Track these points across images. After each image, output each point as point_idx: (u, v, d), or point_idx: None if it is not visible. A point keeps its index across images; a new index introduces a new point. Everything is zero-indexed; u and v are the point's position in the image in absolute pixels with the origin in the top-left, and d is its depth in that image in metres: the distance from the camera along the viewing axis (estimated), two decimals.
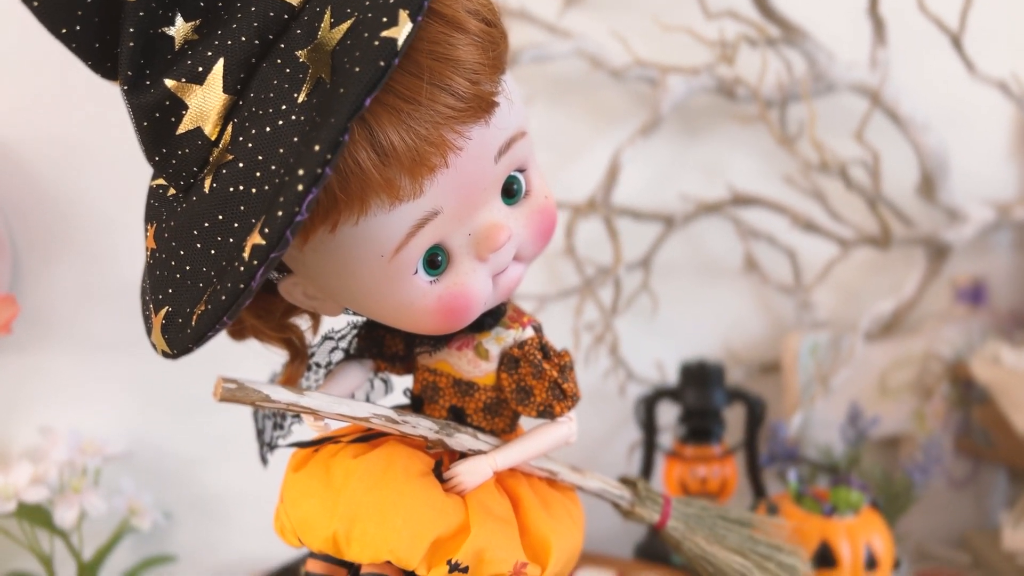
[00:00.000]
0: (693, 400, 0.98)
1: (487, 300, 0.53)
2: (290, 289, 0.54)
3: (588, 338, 1.04)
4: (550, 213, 0.55)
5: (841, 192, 1.05)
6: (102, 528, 0.91)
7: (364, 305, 0.53)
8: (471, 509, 0.53)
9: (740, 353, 1.15)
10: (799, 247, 1.11)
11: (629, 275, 1.06)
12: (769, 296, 1.16)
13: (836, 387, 1.10)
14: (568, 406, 0.57)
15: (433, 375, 0.58)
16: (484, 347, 0.57)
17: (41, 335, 0.94)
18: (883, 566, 0.88)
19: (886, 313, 1.13)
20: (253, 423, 0.64)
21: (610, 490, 0.63)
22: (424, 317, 0.52)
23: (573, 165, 1.07)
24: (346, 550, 0.52)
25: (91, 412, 0.95)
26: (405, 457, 0.54)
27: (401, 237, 0.48)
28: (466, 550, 0.51)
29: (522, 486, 0.57)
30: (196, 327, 0.45)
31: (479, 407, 0.57)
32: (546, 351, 0.56)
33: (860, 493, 0.90)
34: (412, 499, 0.52)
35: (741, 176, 1.08)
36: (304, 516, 0.53)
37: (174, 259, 0.47)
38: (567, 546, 0.56)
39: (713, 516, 0.68)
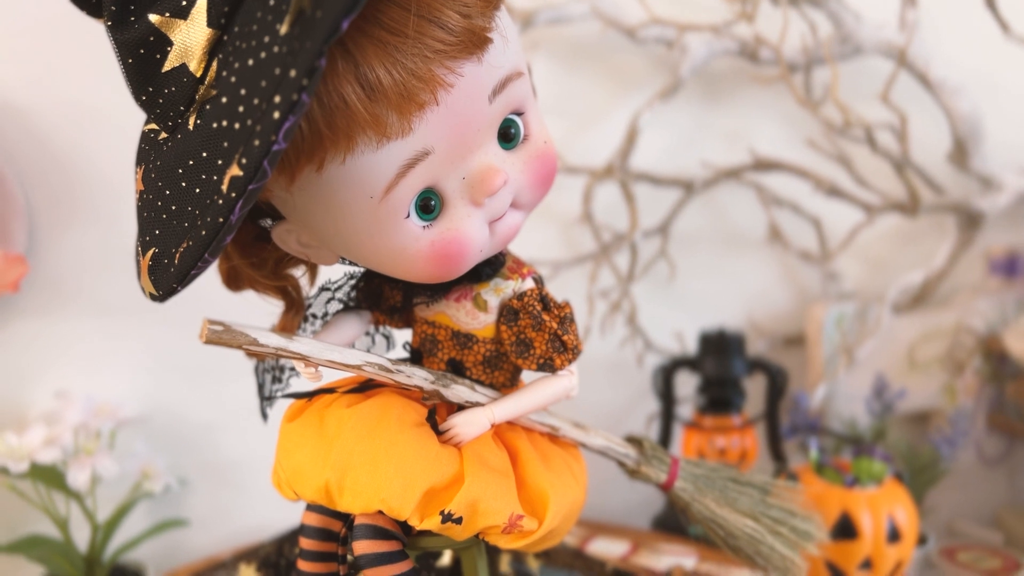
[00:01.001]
0: (712, 369, 0.96)
1: (483, 247, 0.52)
2: (284, 236, 0.53)
3: (604, 306, 1.02)
4: (550, 159, 0.53)
5: (868, 158, 1.02)
6: (117, 492, 0.92)
7: (357, 252, 0.51)
8: (466, 460, 0.52)
9: (763, 325, 1.13)
10: (824, 215, 1.08)
11: (647, 242, 1.04)
12: (794, 266, 1.13)
13: (862, 360, 1.07)
14: (569, 359, 0.55)
15: (432, 328, 0.56)
16: (483, 298, 0.55)
17: (57, 300, 0.94)
18: (906, 539, 0.86)
19: (915, 284, 1.09)
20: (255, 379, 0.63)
21: (614, 448, 0.62)
22: (417, 263, 0.50)
23: (591, 131, 1.05)
24: (338, 500, 0.51)
25: (107, 377, 0.95)
26: (399, 407, 0.53)
27: (390, 177, 0.47)
28: (459, 500, 0.50)
29: (521, 440, 0.56)
30: (179, 266, 0.44)
31: (478, 360, 0.56)
32: (546, 302, 0.55)
33: (883, 464, 0.87)
34: (405, 448, 0.51)
35: (765, 143, 1.06)
36: (297, 466, 0.53)
37: (160, 199, 0.46)
38: (566, 501, 0.54)
39: (724, 478, 0.66)
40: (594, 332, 1.03)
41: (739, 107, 1.08)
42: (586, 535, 0.92)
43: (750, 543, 0.66)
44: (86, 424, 0.87)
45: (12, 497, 0.90)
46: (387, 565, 0.52)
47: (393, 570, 0.52)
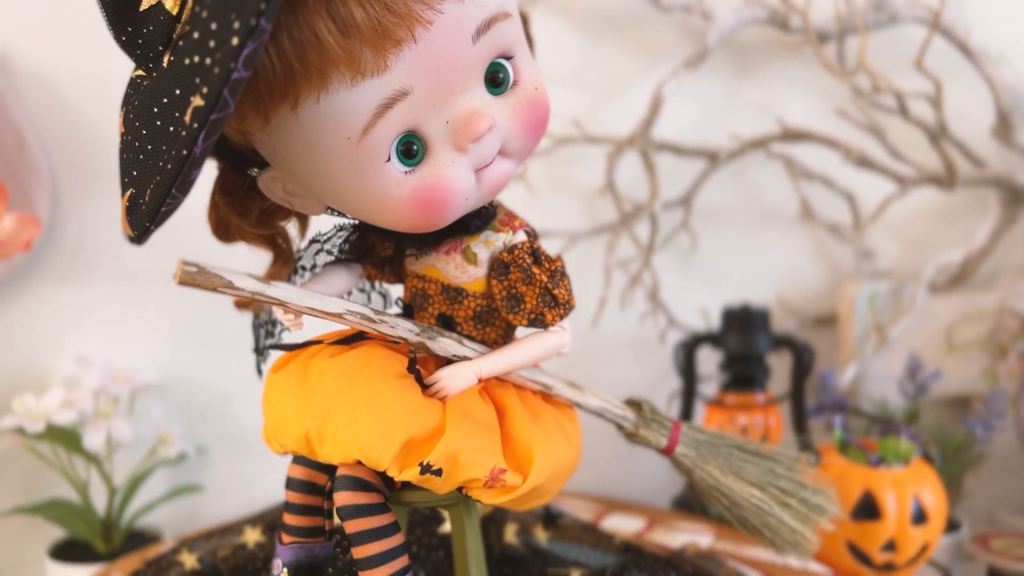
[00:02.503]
0: (735, 345, 0.94)
1: (469, 196, 0.50)
2: (269, 184, 0.52)
3: (624, 279, 1.00)
4: (540, 105, 0.51)
5: (902, 130, 0.98)
6: (136, 458, 0.93)
7: (339, 199, 0.50)
8: (449, 412, 0.50)
9: (793, 303, 1.10)
10: (858, 190, 1.05)
11: (671, 215, 1.02)
12: (826, 243, 1.10)
13: (896, 340, 1.03)
14: (560, 314, 0.54)
15: (422, 282, 0.55)
16: (472, 251, 0.54)
17: (80, 268, 0.96)
18: (933, 521, 0.82)
19: (954, 263, 1.05)
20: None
21: (611, 409, 0.60)
22: (400, 210, 0.49)
23: (615, 102, 1.03)
24: (319, 449, 0.50)
25: (127, 344, 0.96)
26: (382, 358, 0.52)
27: (367, 117, 0.46)
28: (439, 452, 0.49)
29: (510, 396, 0.54)
30: (149, 203, 0.44)
31: (469, 315, 0.55)
32: (537, 256, 0.53)
33: (910, 443, 0.84)
34: (386, 398, 0.49)
35: (796, 115, 1.02)
36: (279, 416, 0.52)
37: (138, 140, 0.46)
38: (554, 459, 0.53)
39: (729, 446, 0.64)
40: (613, 306, 1.01)
41: (769, 78, 1.05)
42: (601, 511, 0.91)
43: (756, 514, 0.64)
44: (105, 388, 0.88)
45: (36, 463, 0.92)
46: (367, 517, 0.51)
47: (373, 522, 0.51)
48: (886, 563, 0.82)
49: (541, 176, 0.99)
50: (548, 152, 0.96)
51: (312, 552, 0.55)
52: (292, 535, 0.56)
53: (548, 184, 1.00)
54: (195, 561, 0.73)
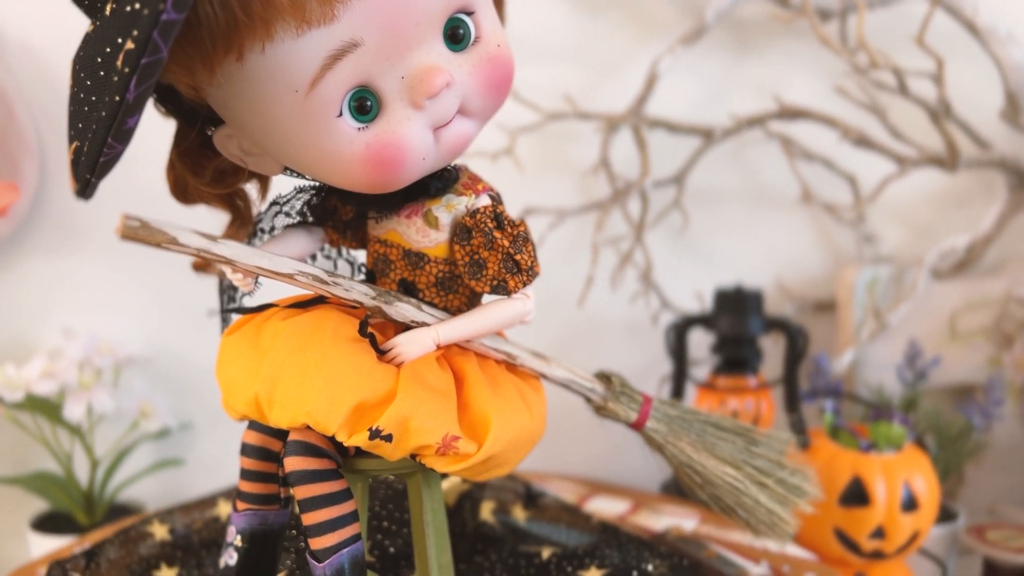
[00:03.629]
0: (727, 327, 0.92)
1: (426, 155, 0.49)
2: (224, 142, 0.51)
3: (614, 258, 0.98)
4: (503, 63, 0.50)
5: (905, 110, 0.95)
6: (120, 431, 0.92)
7: (293, 156, 0.49)
8: (402, 377, 0.49)
9: (793, 288, 1.07)
10: (860, 172, 1.02)
11: (665, 193, 1.00)
12: (828, 227, 1.07)
13: (896, 327, 1.01)
14: (523, 281, 0.52)
15: (383, 247, 0.54)
16: (433, 215, 0.52)
17: (68, 239, 0.95)
18: (924, 509, 0.80)
19: (959, 248, 1.03)
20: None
21: (578, 381, 0.58)
22: (353, 168, 0.48)
23: (612, 78, 1.01)
24: (268, 413, 0.49)
25: (115, 317, 0.96)
26: (336, 321, 0.50)
27: (315, 69, 0.44)
28: (389, 416, 0.47)
29: (470, 364, 0.53)
30: (87, 153, 0.43)
31: (431, 281, 0.53)
32: (500, 220, 0.52)
33: (903, 429, 0.82)
34: (336, 362, 0.48)
35: (797, 95, 1.00)
36: (231, 379, 0.51)
37: (83, 91, 0.45)
38: (512, 428, 0.51)
39: (703, 422, 0.62)
40: (606, 287, 1.00)
41: (769, 56, 1.03)
42: (586, 493, 0.89)
43: (731, 493, 0.62)
44: (88, 360, 0.88)
45: (21, 436, 0.91)
46: (317, 483, 0.50)
47: (323, 488, 0.50)
48: (875, 550, 0.80)
49: (531, 153, 0.97)
50: (539, 128, 0.94)
51: (266, 519, 0.54)
52: (247, 502, 0.55)
53: (538, 161, 0.98)
54: (166, 532, 0.72)
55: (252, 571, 0.54)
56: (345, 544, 0.50)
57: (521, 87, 0.94)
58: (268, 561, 0.55)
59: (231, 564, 0.54)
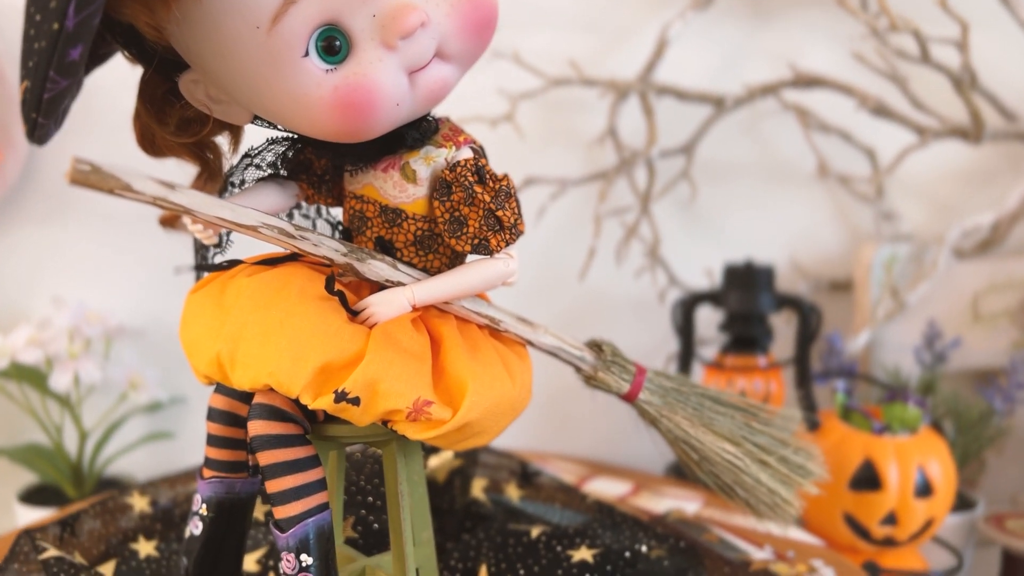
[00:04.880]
0: (736, 304, 0.88)
1: (400, 100, 0.46)
2: (191, 88, 0.48)
3: (622, 233, 0.95)
4: (484, 4, 0.46)
5: (929, 79, 0.91)
6: (111, 405, 0.90)
7: (258, 101, 0.46)
8: (372, 337, 0.46)
9: (808, 266, 1.03)
10: (879, 146, 0.98)
11: (673, 164, 0.96)
12: (847, 204, 1.03)
13: (916, 308, 0.97)
14: (506, 239, 0.49)
15: (360, 202, 0.51)
16: (411, 168, 0.49)
17: (60, 210, 0.93)
18: (940, 494, 0.76)
19: (983, 226, 0.98)
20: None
21: (567, 349, 0.55)
22: (321, 114, 0.45)
23: (620, 46, 0.97)
24: (231, 374, 0.46)
25: (106, 288, 0.94)
26: (303, 279, 0.47)
27: (276, 3, 0.41)
28: (356, 378, 0.44)
29: (449, 327, 0.50)
30: (31, 89, 0.40)
31: (409, 240, 0.50)
32: (481, 174, 0.49)
33: (918, 411, 0.78)
34: (302, 320, 0.45)
35: (815, 65, 0.96)
36: (193, 338, 0.48)
37: (33, 27, 0.42)
38: (491, 395, 0.48)
39: (700, 395, 0.59)
40: (609, 260, 0.96)
41: (785, 23, 0.98)
42: (587, 474, 0.86)
43: (729, 471, 0.58)
44: (78, 329, 0.86)
45: (14, 409, 0.90)
46: (281, 448, 0.47)
47: (288, 454, 0.47)
48: (886, 537, 0.76)
49: (536, 122, 0.94)
50: (542, 94, 0.91)
51: (233, 487, 0.52)
52: (213, 469, 0.52)
53: (543, 131, 0.95)
54: (146, 504, 0.70)
55: (219, 542, 0.52)
56: (311, 513, 0.47)
57: (525, 53, 0.91)
58: (236, 532, 0.52)
59: (196, 534, 0.51)
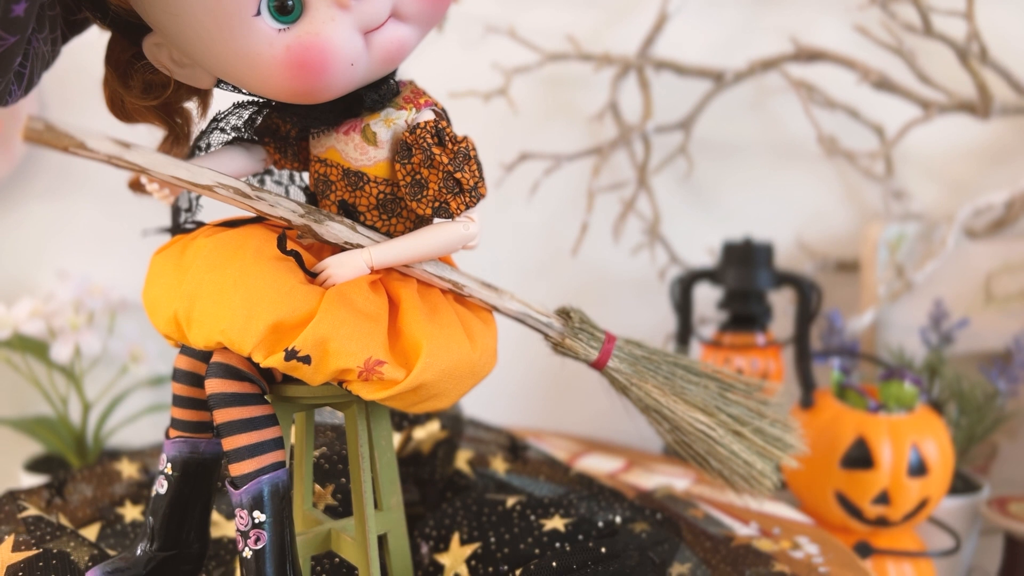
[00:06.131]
0: (734, 281, 0.87)
1: (355, 61, 0.46)
2: (154, 51, 0.49)
3: (617, 205, 0.94)
4: None
5: (936, 54, 0.89)
6: (112, 377, 0.92)
7: (216, 63, 0.46)
8: (325, 297, 0.46)
9: (815, 246, 1.02)
10: (888, 123, 0.96)
11: (672, 141, 0.95)
12: (855, 183, 1.01)
13: (925, 288, 0.95)
14: (466, 202, 0.49)
15: (324, 166, 0.51)
16: (372, 130, 0.49)
17: (66, 184, 0.95)
18: (935, 474, 0.74)
19: (996, 205, 0.95)
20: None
21: (533, 315, 0.55)
22: (274, 74, 0.45)
23: (620, 21, 0.96)
24: (187, 332, 0.47)
25: (111, 261, 0.95)
26: (261, 239, 0.48)
27: None
28: (306, 337, 0.45)
29: (408, 290, 0.49)
30: None
31: (372, 204, 0.50)
32: (441, 136, 0.49)
33: (914, 389, 0.76)
34: (256, 279, 0.46)
35: (822, 41, 0.94)
36: (153, 297, 0.49)
37: None
38: (448, 357, 0.48)
39: (671, 364, 0.58)
40: (609, 238, 0.95)
41: (797, 3, 0.97)
42: (580, 450, 0.86)
43: (701, 441, 0.58)
44: (80, 302, 0.87)
45: (22, 381, 0.92)
46: (237, 407, 0.47)
47: (244, 412, 0.47)
48: (879, 517, 0.75)
49: (535, 99, 0.94)
50: (538, 69, 0.90)
51: (197, 447, 0.52)
52: (178, 429, 0.53)
53: (542, 108, 0.95)
54: (135, 471, 0.71)
55: (184, 500, 0.52)
56: (265, 471, 0.47)
57: (523, 28, 0.90)
58: (201, 491, 0.53)
59: (161, 493, 0.52)
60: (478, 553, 0.59)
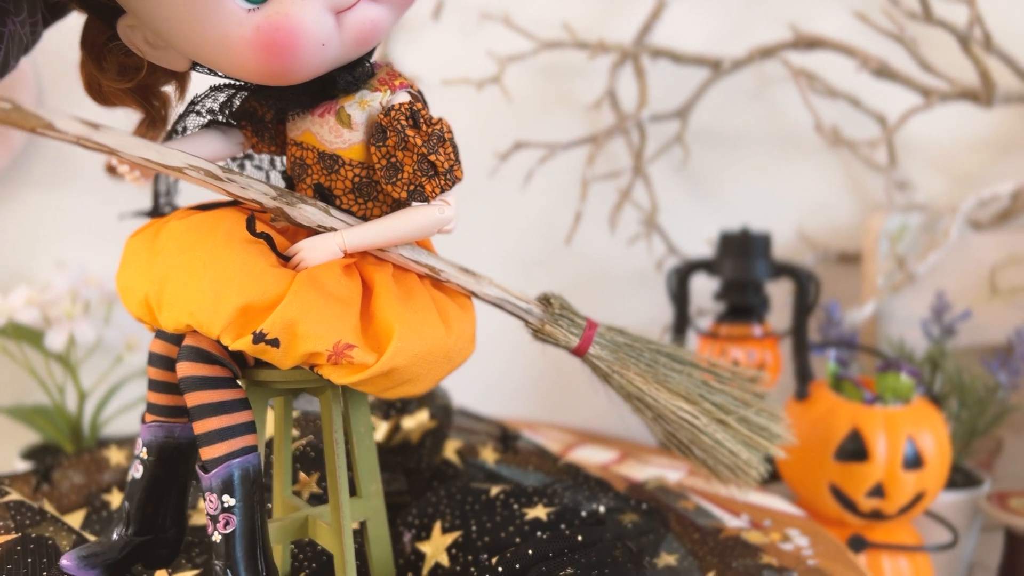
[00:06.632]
0: (731, 271, 0.86)
1: (327, 41, 0.45)
2: (128, 34, 0.49)
3: (616, 196, 0.93)
4: None
5: (939, 42, 0.87)
6: (108, 366, 0.92)
7: (188, 45, 0.46)
8: (296, 280, 0.46)
9: (817, 238, 1.00)
10: (891, 112, 0.94)
11: (670, 130, 0.94)
12: (859, 174, 1.00)
13: (928, 280, 0.93)
14: (441, 185, 0.48)
15: (300, 149, 0.51)
16: (346, 112, 0.49)
17: (65, 175, 0.95)
18: (932, 467, 0.73)
19: (1002, 196, 0.94)
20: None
21: (512, 300, 0.54)
22: (244, 54, 0.44)
23: (617, 11, 0.95)
24: (158, 315, 0.47)
25: (108, 252, 0.95)
26: (232, 222, 0.47)
27: None
28: (275, 319, 0.44)
29: (383, 274, 0.49)
30: None
31: (347, 187, 0.50)
32: (416, 118, 0.48)
33: (911, 381, 0.75)
34: (226, 262, 0.45)
35: (825, 31, 0.93)
36: (126, 281, 0.49)
37: None
38: (421, 342, 0.47)
39: (654, 351, 0.57)
40: (599, 224, 0.94)
41: None
42: (574, 442, 0.85)
43: (685, 429, 0.57)
44: (78, 292, 0.87)
45: (20, 372, 0.92)
46: (208, 390, 0.47)
47: (214, 396, 0.47)
48: (874, 510, 0.74)
49: (532, 85, 0.93)
50: (532, 57, 0.89)
51: (172, 432, 0.52)
52: (154, 414, 0.52)
53: (539, 94, 0.94)
54: (124, 459, 0.71)
55: (160, 485, 0.52)
56: (235, 455, 0.47)
57: (517, 16, 0.90)
58: (176, 475, 0.53)
59: (137, 477, 0.52)
60: (459, 541, 0.59)
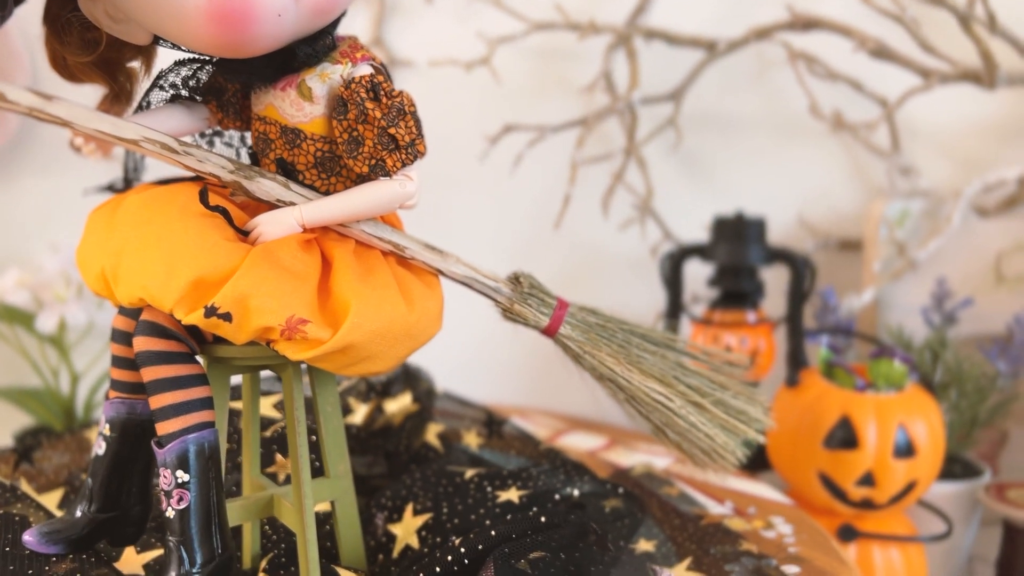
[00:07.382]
0: (725, 257, 0.84)
1: (282, 12, 0.44)
2: (89, 8, 0.48)
3: (606, 177, 0.91)
4: None
5: (942, 24, 0.85)
6: (103, 350, 0.92)
7: (146, 17, 0.46)
8: (251, 254, 0.45)
9: (819, 224, 0.99)
10: (893, 95, 0.92)
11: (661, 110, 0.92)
12: (862, 159, 0.98)
13: (931, 267, 0.91)
14: (402, 159, 0.48)
15: (263, 124, 0.50)
16: (307, 85, 0.48)
17: (61, 159, 0.96)
18: (924, 456, 0.71)
19: (1008, 182, 0.92)
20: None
21: (479, 279, 0.53)
22: (199, 26, 0.44)
23: None
24: (114, 289, 0.46)
25: None
26: (188, 196, 0.47)
27: None
28: (226, 293, 0.44)
29: (343, 250, 0.48)
30: None
31: (310, 162, 0.49)
32: (376, 91, 0.47)
33: (904, 367, 0.73)
34: (180, 235, 0.45)
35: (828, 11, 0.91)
36: (84, 254, 0.48)
37: None
38: (379, 318, 0.47)
39: (627, 332, 0.56)
40: (593, 208, 0.93)
41: None
42: (563, 428, 0.84)
43: (659, 412, 0.56)
44: (70, 275, 0.88)
45: (15, 356, 0.92)
46: (164, 365, 0.47)
47: (170, 371, 0.47)
48: (864, 499, 0.72)
49: (525, 68, 0.92)
50: (523, 38, 0.88)
51: (134, 409, 0.52)
52: (116, 390, 0.52)
53: (534, 77, 0.93)
54: None
55: (123, 462, 0.52)
56: (190, 430, 0.47)
57: None
58: (139, 452, 0.52)
59: (100, 454, 0.52)
60: (429, 523, 0.58)
